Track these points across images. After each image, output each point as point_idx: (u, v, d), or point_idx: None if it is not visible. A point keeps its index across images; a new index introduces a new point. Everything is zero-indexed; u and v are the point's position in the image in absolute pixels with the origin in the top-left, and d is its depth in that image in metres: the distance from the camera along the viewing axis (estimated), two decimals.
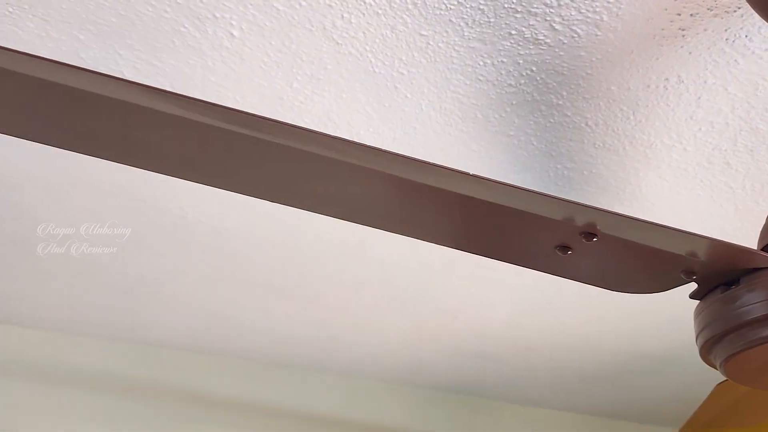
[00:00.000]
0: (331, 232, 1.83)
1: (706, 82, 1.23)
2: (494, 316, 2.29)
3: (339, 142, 0.63)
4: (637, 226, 0.66)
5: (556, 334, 2.42)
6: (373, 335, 2.55)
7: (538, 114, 1.35)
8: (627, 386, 2.98)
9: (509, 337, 2.48)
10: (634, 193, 1.58)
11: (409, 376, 3.06)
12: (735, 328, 0.71)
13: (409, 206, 0.71)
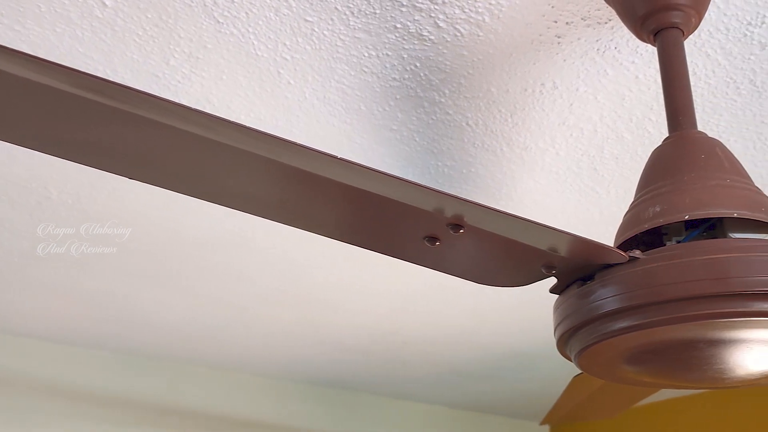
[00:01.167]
0: (211, 220, 1.77)
1: (578, 89, 1.29)
2: (373, 309, 2.31)
3: (216, 121, 0.60)
4: (501, 219, 0.68)
5: (432, 328, 2.46)
6: (252, 328, 2.50)
7: (421, 110, 1.36)
8: (498, 381, 3.09)
9: (387, 332, 2.50)
10: (509, 194, 1.63)
11: (286, 371, 3.03)
12: (588, 322, 0.74)
13: (276, 190, 0.69)
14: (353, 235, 0.76)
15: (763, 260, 0.66)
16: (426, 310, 2.30)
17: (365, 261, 1.96)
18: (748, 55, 1.19)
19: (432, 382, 3.14)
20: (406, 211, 0.68)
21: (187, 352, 2.79)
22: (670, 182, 0.81)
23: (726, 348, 0.72)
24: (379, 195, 0.66)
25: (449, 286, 2.09)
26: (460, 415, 3.62)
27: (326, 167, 0.63)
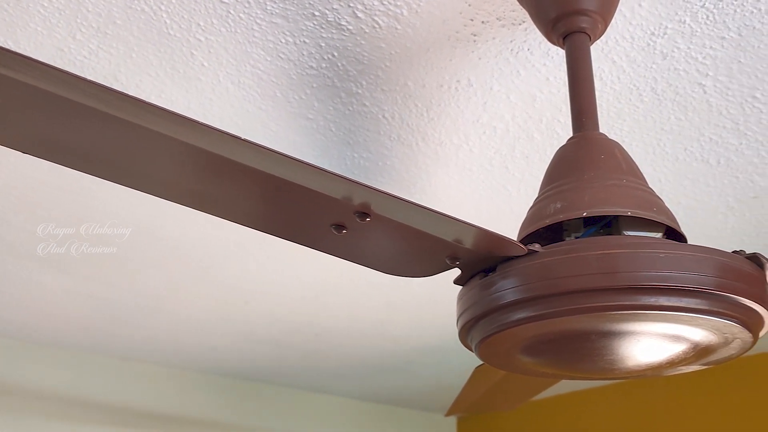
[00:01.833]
0: (118, 203, 1.71)
1: (492, 88, 1.32)
2: (285, 300, 2.29)
3: (123, 99, 0.57)
4: (408, 209, 0.68)
5: (345, 320, 2.47)
6: (158, 317, 2.43)
7: (337, 100, 1.35)
8: (410, 374, 3.13)
9: (299, 323, 2.49)
10: (424, 188, 1.65)
11: (194, 361, 2.96)
12: (488, 313, 0.76)
13: (181, 172, 0.67)
14: (260, 221, 0.75)
15: (651, 256, 0.69)
16: (339, 302, 2.30)
17: (278, 250, 1.94)
18: (651, 63, 1.25)
19: (344, 374, 3.14)
20: (314, 198, 0.68)
21: (91, 342, 2.69)
22: (572, 180, 0.84)
23: (616, 339, 0.75)
24: (287, 180, 0.66)
25: (362, 278, 2.10)
26: (372, 408, 3.65)
27: (231, 149, 0.62)
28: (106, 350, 2.80)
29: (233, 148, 0.61)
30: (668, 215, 0.82)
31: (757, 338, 0.78)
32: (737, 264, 0.72)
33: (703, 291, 0.69)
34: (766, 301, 0.74)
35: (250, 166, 0.63)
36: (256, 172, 0.64)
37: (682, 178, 1.59)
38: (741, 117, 1.37)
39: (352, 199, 0.67)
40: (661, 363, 0.80)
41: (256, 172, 0.64)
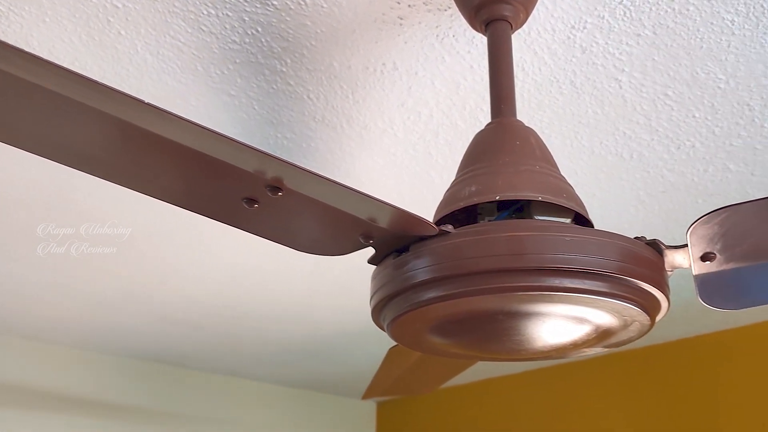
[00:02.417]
0: (27, 178, 1.63)
1: (417, 73, 1.32)
2: (204, 282, 2.24)
3: (36, 62, 0.54)
4: (322, 185, 0.68)
5: (265, 304, 2.44)
6: (70, 296, 2.34)
7: (261, 78, 1.33)
8: (330, 359, 3.13)
9: (218, 306, 2.45)
10: (348, 171, 1.64)
11: (108, 344, 2.87)
12: (400, 292, 0.77)
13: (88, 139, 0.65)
14: (171, 193, 0.73)
15: (557, 240, 0.71)
16: (259, 285, 2.28)
17: (197, 230, 1.90)
18: (571, 57, 1.28)
19: (263, 359, 3.11)
20: (225, 170, 0.66)
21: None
22: (487, 165, 0.85)
23: (522, 320, 0.77)
24: (197, 150, 0.64)
25: (283, 261, 2.08)
26: (292, 393, 3.64)
27: (136, 114, 0.60)
28: (14, 330, 2.68)
29: (138, 113, 0.59)
30: (577, 202, 0.84)
31: (654, 322, 0.81)
32: (638, 249, 0.75)
33: (604, 274, 0.72)
34: (663, 286, 0.78)
35: (158, 134, 0.61)
36: (165, 141, 0.62)
37: (597, 171, 1.64)
38: (653, 113, 1.43)
39: (264, 172, 0.66)
40: (566, 345, 0.83)
41: (164, 141, 0.62)
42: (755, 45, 1.23)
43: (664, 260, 0.79)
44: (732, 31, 1.20)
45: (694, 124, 1.46)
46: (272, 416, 3.54)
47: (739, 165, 1.59)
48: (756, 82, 1.32)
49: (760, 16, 1.17)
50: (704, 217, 0.73)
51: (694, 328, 2.67)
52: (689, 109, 1.41)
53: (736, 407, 2.54)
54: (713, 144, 1.52)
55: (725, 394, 2.58)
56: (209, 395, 3.33)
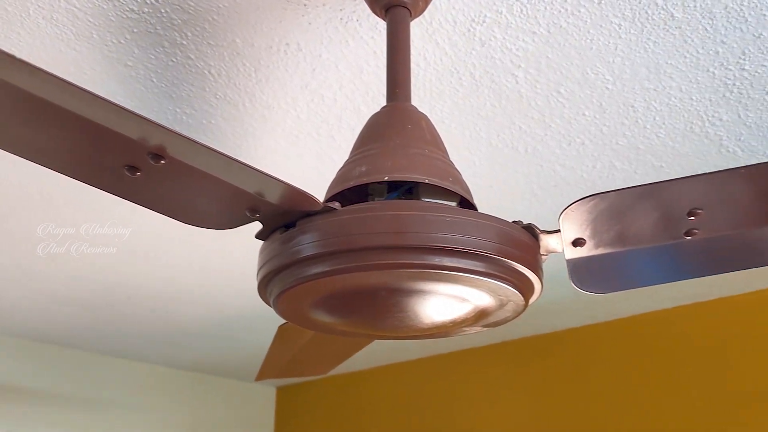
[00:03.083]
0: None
1: (320, 55, 1.33)
2: (95, 259, 2.16)
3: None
4: (207, 155, 0.67)
5: (160, 283, 2.38)
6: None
7: (160, 50, 1.30)
8: (228, 342, 3.09)
9: (110, 284, 2.37)
10: (249, 152, 1.63)
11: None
12: (286, 267, 0.78)
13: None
14: (51, 158, 0.71)
15: (439, 220, 0.74)
16: (155, 263, 2.22)
17: (88, 206, 1.83)
18: (470, 49, 1.32)
19: (158, 340, 3.04)
20: (108, 137, 0.65)
21: None
22: (378, 146, 0.87)
23: (404, 297, 0.80)
24: (79, 115, 0.62)
25: (179, 239, 2.04)
26: (189, 377, 3.57)
27: (12, 73, 0.57)
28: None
29: (12, 71, 0.57)
30: (462, 186, 0.88)
31: (528, 303, 0.86)
32: (514, 232, 0.79)
33: (482, 254, 0.75)
34: (537, 269, 0.82)
35: (36, 95, 0.59)
36: (43, 103, 0.60)
37: (494, 163, 1.70)
38: (547, 109, 1.49)
39: (146, 139, 0.65)
40: (446, 323, 0.86)
41: (42, 102, 0.60)
42: (639, 49, 1.31)
43: (539, 244, 0.84)
44: (619, 34, 1.28)
45: (584, 122, 1.53)
46: (167, 400, 3.46)
47: (624, 163, 1.69)
48: (640, 85, 1.41)
49: (644, 21, 1.24)
50: (574, 203, 0.77)
51: (579, 318, 2.81)
52: (580, 107, 1.48)
53: (611, 394, 2.70)
54: (601, 142, 1.61)
55: (602, 383, 2.73)
56: (101, 378, 3.23)
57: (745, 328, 2.44)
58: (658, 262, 0.87)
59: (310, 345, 1.29)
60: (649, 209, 0.77)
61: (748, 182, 0.78)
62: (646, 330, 2.68)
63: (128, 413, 3.28)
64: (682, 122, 1.52)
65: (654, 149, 1.62)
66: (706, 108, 1.47)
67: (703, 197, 0.76)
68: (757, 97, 1.43)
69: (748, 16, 1.22)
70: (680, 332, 2.59)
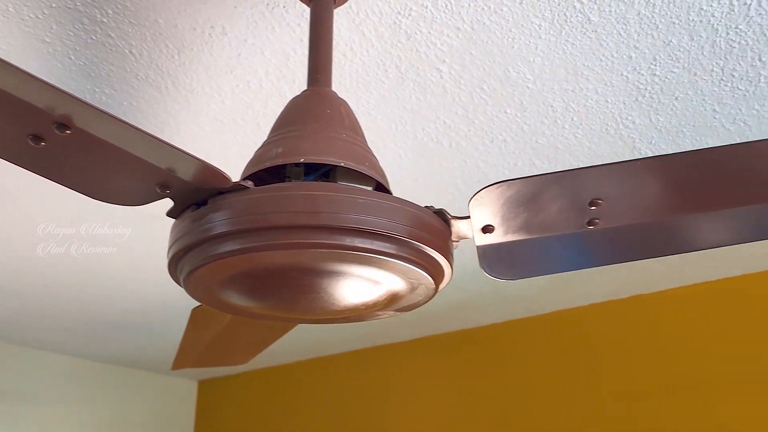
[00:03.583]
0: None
1: (246, 40, 1.32)
2: (8, 245, 2.08)
3: None
4: (115, 126, 0.66)
5: (80, 272, 2.31)
6: None
7: (79, 26, 1.26)
8: (152, 334, 3.02)
9: (26, 272, 2.28)
10: (171, 136, 1.60)
11: None
12: (196, 245, 0.77)
13: None
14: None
15: (351, 201, 0.75)
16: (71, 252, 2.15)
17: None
18: (396, 42, 1.34)
19: (76, 331, 2.94)
20: (10, 102, 0.63)
21: None
22: (296, 129, 0.88)
23: (316, 278, 0.80)
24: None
25: (101, 226, 1.98)
26: (108, 370, 3.47)
27: None
28: None
29: None
30: (378, 171, 0.89)
31: (438, 288, 0.88)
32: (425, 217, 0.81)
33: (393, 237, 0.77)
34: (447, 254, 0.84)
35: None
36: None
37: (419, 156, 1.72)
38: (470, 105, 1.53)
39: (52, 108, 0.63)
40: (359, 306, 0.87)
41: None
42: (558, 51, 1.36)
43: (451, 230, 0.86)
44: (539, 35, 1.32)
45: (506, 119, 1.57)
46: (85, 394, 3.36)
47: (543, 161, 1.74)
48: (559, 85, 1.46)
49: (563, 23, 1.29)
50: (482, 189, 0.80)
51: (502, 314, 2.88)
52: (502, 104, 1.52)
53: (531, 388, 2.78)
54: (522, 140, 1.65)
55: (523, 377, 2.81)
56: (16, 369, 3.10)
57: (652, 326, 2.56)
58: (564, 250, 0.91)
59: (228, 331, 1.28)
60: (553, 198, 0.80)
61: (646, 174, 0.82)
62: (563, 326, 2.77)
63: (44, 406, 3.17)
64: (598, 123, 1.58)
65: (572, 149, 1.68)
66: (620, 111, 1.54)
67: (603, 188, 0.80)
68: (667, 102, 1.51)
69: (659, 23, 1.28)
70: (594, 329, 2.69)
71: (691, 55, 1.36)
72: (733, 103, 1.50)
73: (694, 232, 0.91)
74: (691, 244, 0.96)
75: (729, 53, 1.35)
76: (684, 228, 0.90)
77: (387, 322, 2.97)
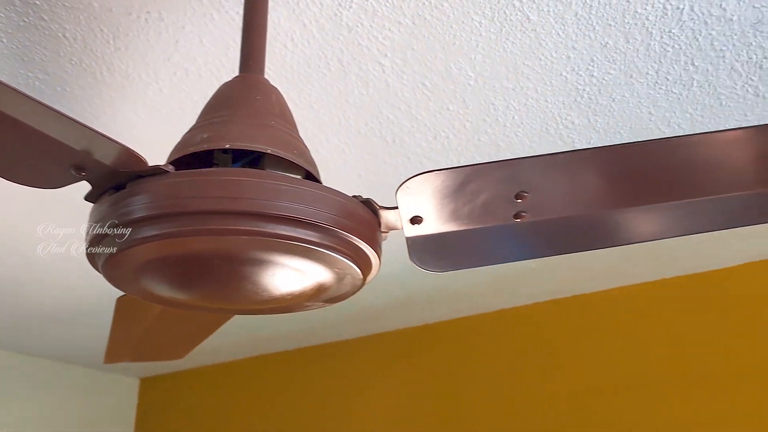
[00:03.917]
0: None
1: (184, 27, 1.29)
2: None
3: None
4: (28, 105, 0.64)
5: (6, 263, 2.24)
6: None
7: (11, 8, 1.22)
8: (89, 328, 2.94)
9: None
10: (108, 124, 1.56)
11: None
12: None
13: None
14: None
15: (274, 187, 0.74)
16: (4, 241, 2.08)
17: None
18: (338, 34, 1.33)
19: (9, 325, 2.85)
20: None
21: None
22: (224, 115, 0.86)
23: (239, 266, 0.79)
24: None
25: (33, 216, 1.93)
26: (43, 366, 3.36)
27: None
28: None
29: None
30: (308, 160, 0.88)
31: (366, 279, 0.87)
32: (352, 206, 0.81)
33: (317, 225, 0.76)
34: (375, 244, 0.84)
35: None
36: None
37: (363, 152, 1.72)
38: (413, 101, 1.53)
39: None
40: (285, 296, 0.86)
41: None
42: (499, 49, 1.37)
43: (380, 220, 0.85)
44: (480, 32, 1.33)
45: (449, 116, 1.58)
46: (20, 391, 3.25)
47: (485, 159, 1.76)
48: (500, 83, 1.47)
49: (503, 21, 1.30)
50: (408, 179, 0.80)
51: (448, 312, 2.90)
52: (444, 101, 1.53)
53: (487, 384, 2.80)
54: (464, 137, 1.66)
55: (469, 375, 2.84)
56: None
57: (595, 325, 2.61)
58: (493, 243, 0.91)
59: (159, 323, 1.25)
60: (479, 189, 0.81)
61: (574, 167, 0.83)
62: (508, 324, 2.80)
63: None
64: (538, 123, 1.61)
65: (513, 147, 1.70)
66: (559, 110, 1.56)
67: (529, 180, 0.81)
68: (605, 103, 1.53)
69: (595, 24, 1.30)
70: (538, 327, 2.73)
71: (627, 57, 1.38)
72: (668, 105, 1.53)
73: (624, 226, 0.92)
74: (622, 238, 0.98)
75: (663, 56, 1.38)
76: (614, 222, 0.91)
77: (333, 319, 2.95)
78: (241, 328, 3.05)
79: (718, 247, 2.25)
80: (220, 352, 3.40)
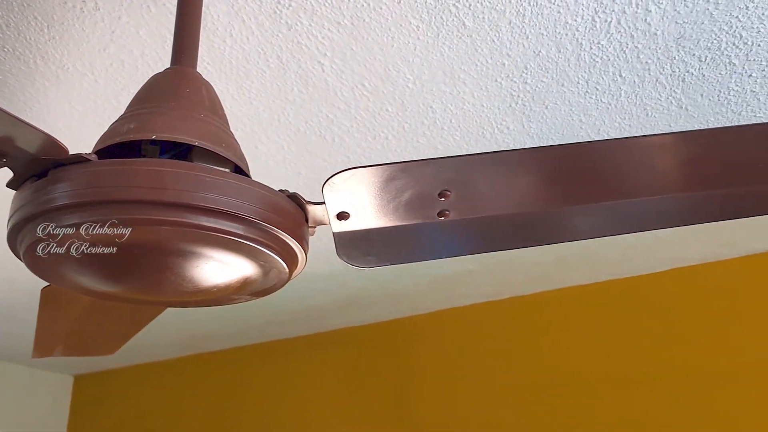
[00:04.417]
0: None
1: (120, 18, 1.28)
2: None
3: None
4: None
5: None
6: None
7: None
8: (21, 323, 2.86)
9: None
10: (41, 114, 1.53)
11: None
12: (34, 217, 0.75)
13: None
14: None
15: (198, 178, 0.75)
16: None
17: None
18: (277, 32, 1.34)
19: None
20: None
21: None
22: (152, 106, 0.86)
23: (161, 257, 0.79)
24: None
25: None
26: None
27: None
28: None
29: None
30: (236, 153, 0.89)
31: (293, 274, 0.88)
32: (278, 199, 0.82)
33: (241, 217, 0.77)
34: (301, 239, 0.85)
35: None
36: None
37: (302, 150, 1.73)
38: (353, 101, 1.55)
39: None
40: (210, 288, 0.86)
41: None
42: (436, 53, 1.40)
43: (307, 215, 0.87)
44: (417, 36, 1.35)
45: (388, 117, 1.61)
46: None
47: None
48: (437, 87, 1.50)
49: (440, 26, 1.33)
50: (334, 175, 0.81)
51: (392, 311, 2.92)
52: (383, 102, 1.55)
53: (428, 383, 2.84)
54: (403, 139, 1.69)
55: (415, 373, 2.87)
56: None
57: (530, 326, 2.67)
58: (419, 240, 0.93)
59: (88, 317, 1.24)
60: (403, 187, 0.83)
61: (497, 167, 0.85)
62: (447, 325, 2.84)
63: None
64: (475, 127, 1.64)
65: (450, 150, 1.74)
66: (495, 116, 1.60)
67: (452, 179, 0.83)
68: (538, 110, 1.58)
69: (528, 33, 1.34)
70: (475, 328, 2.78)
71: (559, 66, 1.43)
72: (598, 114, 1.59)
73: (550, 226, 0.95)
74: (548, 238, 1.01)
75: (593, 67, 1.44)
76: (539, 221, 0.94)
77: (272, 318, 2.95)
78: (178, 325, 3.01)
79: (646, 253, 2.34)
80: (156, 350, 3.35)
